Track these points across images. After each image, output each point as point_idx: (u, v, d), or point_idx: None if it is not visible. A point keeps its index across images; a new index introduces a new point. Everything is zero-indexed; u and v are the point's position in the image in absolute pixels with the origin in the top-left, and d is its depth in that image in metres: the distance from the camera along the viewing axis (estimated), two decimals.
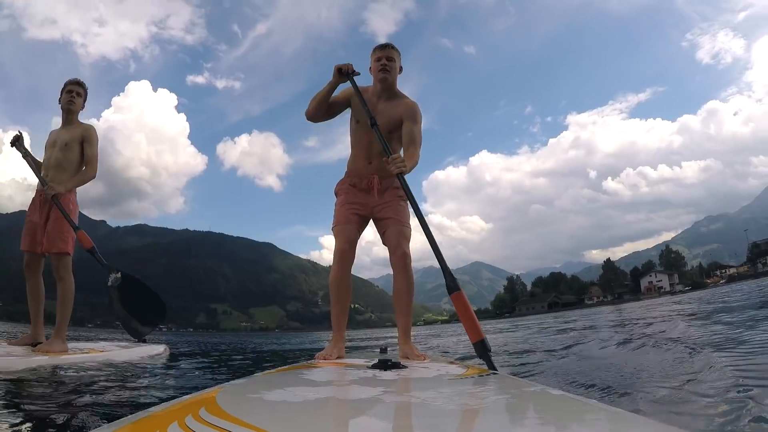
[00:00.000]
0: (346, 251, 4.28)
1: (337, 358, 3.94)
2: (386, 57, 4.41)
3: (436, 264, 3.80)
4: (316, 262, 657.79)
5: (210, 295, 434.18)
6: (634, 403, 2.51)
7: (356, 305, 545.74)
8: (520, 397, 2.06)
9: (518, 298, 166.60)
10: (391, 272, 4.25)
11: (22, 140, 6.26)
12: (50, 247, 5.67)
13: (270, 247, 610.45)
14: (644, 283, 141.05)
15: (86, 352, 6.06)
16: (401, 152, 4.30)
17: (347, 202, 4.44)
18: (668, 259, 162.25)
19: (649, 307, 24.64)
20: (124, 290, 5.78)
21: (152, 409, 1.57)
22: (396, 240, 4.23)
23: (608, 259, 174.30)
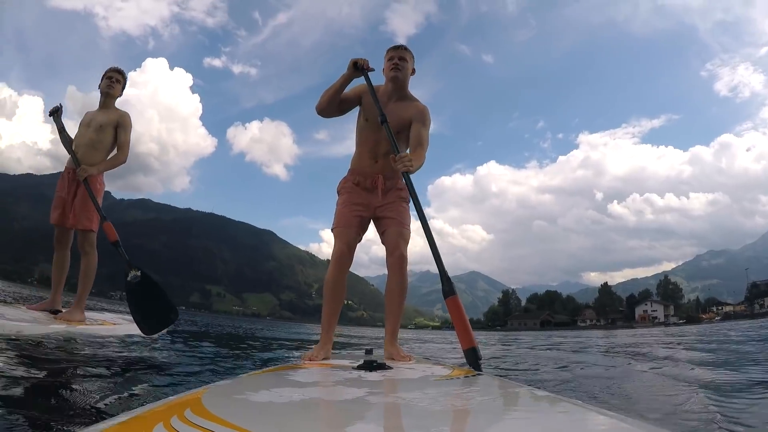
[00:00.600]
0: (344, 254, 4.25)
1: (324, 359, 3.92)
2: (398, 57, 4.40)
3: (432, 269, 3.80)
4: (314, 255, 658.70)
5: (206, 276, 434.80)
6: (619, 405, 2.52)
7: (349, 302, 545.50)
8: (506, 397, 2.07)
9: (512, 312, 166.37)
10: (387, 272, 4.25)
11: (61, 112, 6.32)
12: (76, 224, 5.91)
13: (270, 234, 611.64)
14: (639, 311, 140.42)
15: (100, 324, 6.35)
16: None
17: (350, 203, 4.40)
18: (666, 289, 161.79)
19: (643, 335, 24.60)
20: (141, 289, 5.85)
21: (138, 409, 1.43)
22: (395, 241, 4.22)
23: (605, 283, 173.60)
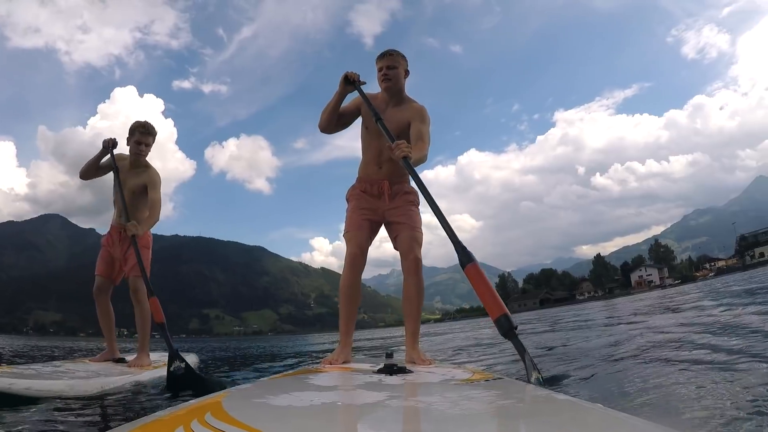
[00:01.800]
0: (357, 257, 4.28)
1: (343, 362, 3.94)
2: (387, 66, 4.43)
3: (427, 263, 3.79)
4: (307, 264, 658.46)
5: (202, 301, 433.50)
6: (640, 407, 2.47)
7: None
8: (526, 401, 2.04)
9: (510, 295, 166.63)
10: (383, 273, 4.27)
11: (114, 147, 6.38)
12: (134, 272, 6.00)
13: (261, 250, 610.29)
14: (634, 277, 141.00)
15: (164, 365, 6.22)
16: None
17: (359, 208, 4.47)
18: (658, 253, 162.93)
19: (641, 300, 24.70)
20: (182, 381, 5.84)
21: (158, 413, 1.58)
22: (409, 245, 4.26)
23: (598, 255, 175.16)
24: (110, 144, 6.23)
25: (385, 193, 4.42)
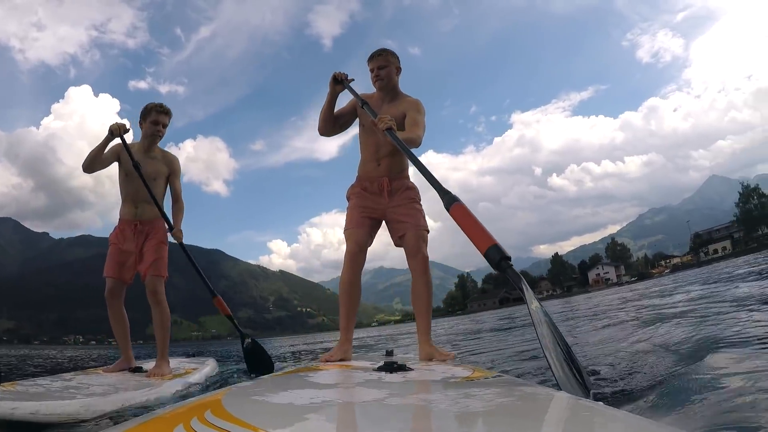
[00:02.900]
0: (356, 254, 4.31)
1: (341, 360, 3.97)
2: (378, 66, 4.50)
3: (386, 264, 3.87)
4: (266, 268, 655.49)
5: None
6: (642, 405, 2.45)
7: (308, 309, 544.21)
8: (526, 399, 2.01)
9: (470, 295, 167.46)
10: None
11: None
12: (153, 271, 5.61)
13: (219, 254, 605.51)
14: (592, 275, 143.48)
15: (188, 372, 6.11)
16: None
17: (359, 206, 4.49)
18: (614, 251, 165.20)
19: (596, 296, 25.06)
20: (253, 352, 6.31)
21: (158, 411, 1.43)
22: (416, 244, 4.28)
23: (556, 254, 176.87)
24: (120, 130, 5.57)
25: (385, 190, 4.45)
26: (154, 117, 5.75)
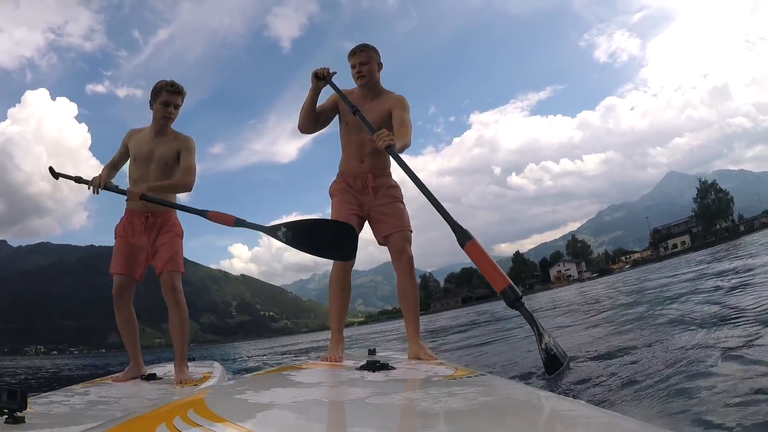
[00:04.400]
0: None
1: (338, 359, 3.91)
2: (359, 63, 4.42)
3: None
4: (227, 272, 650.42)
5: None
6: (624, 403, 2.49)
7: (270, 313, 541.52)
8: (508, 397, 2.03)
9: (432, 295, 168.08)
10: (304, 278, 4.26)
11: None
12: (171, 267, 5.10)
13: None
14: (553, 272, 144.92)
15: (206, 376, 5.48)
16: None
17: (345, 202, 4.38)
18: (575, 248, 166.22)
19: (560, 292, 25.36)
20: (301, 239, 5.10)
21: (140, 410, 1.63)
22: (400, 245, 4.23)
23: (517, 252, 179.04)
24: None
25: (369, 187, 4.38)
26: (165, 97, 5.13)
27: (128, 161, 5.30)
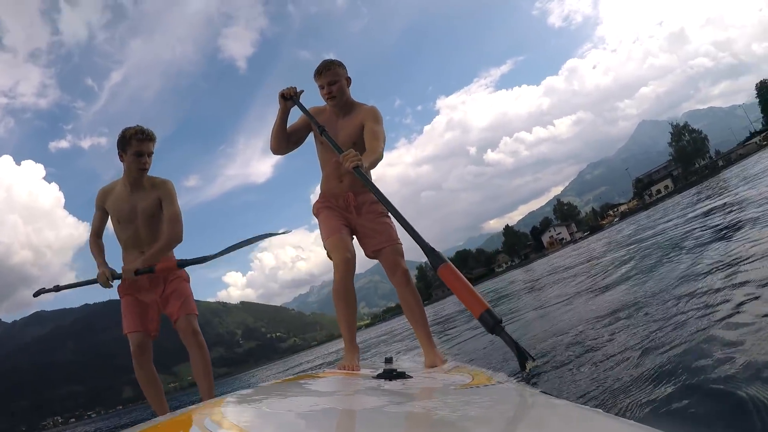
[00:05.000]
0: (350, 261, 4.04)
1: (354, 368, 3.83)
2: (327, 83, 4.26)
3: None
4: (225, 302, 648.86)
5: (129, 367, 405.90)
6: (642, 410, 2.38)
7: (277, 334, 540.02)
8: (527, 407, 2.00)
9: (432, 284, 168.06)
10: (302, 292, 4.22)
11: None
12: (185, 310, 4.88)
13: None
14: (545, 238, 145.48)
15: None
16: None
17: (332, 216, 4.28)
18: (562, 211, 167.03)
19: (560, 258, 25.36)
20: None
21: (157, 419, 1.57)
22: (393, 260, 4.21)
23: (507, 226, 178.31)
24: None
25: (352, 205, 4.31)
26: (137, 147, 4.75)
27: (109, 221, 5.07)
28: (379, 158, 4.06)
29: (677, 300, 3.99)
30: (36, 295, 5.36)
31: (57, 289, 5.29)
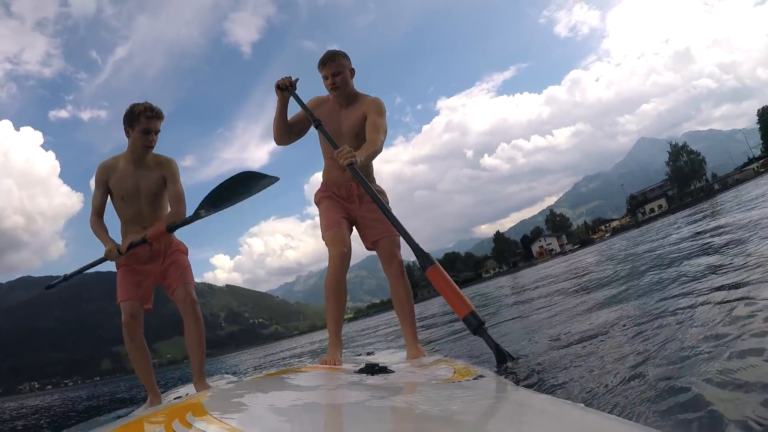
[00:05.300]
0: (345, 255, 4.09)
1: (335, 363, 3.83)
2: (331, 74, 4.25)
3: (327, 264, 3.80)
4: (211, 284, 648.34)
5: (111, 339, 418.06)
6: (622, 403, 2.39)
7: (260, 320, 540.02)
8: (508, 401, 2.01)
9: (419, 283, 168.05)
10: (288, 281, 4.20)
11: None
12: (183, 279, 4.79)
13: None
14: (535, 248, 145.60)
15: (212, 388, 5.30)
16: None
17: (332, 207, 4.30)
18: (554, 222, 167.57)
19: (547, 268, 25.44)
20: (218, 202, 4.96)
21: (138, 412, 1.59)
22: (390, 250, 4.22)
23: (498, 232, 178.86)
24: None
25: (354, 195, 4.32)
26: (145, 124, 4.69)
27: (114, 201, 4.94)
28: (378, 150, 4.08)
29: (663, 301, 4.09)
30: (49, 288, 5.30)
31: (66, 278, 5.22)
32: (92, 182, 4.98)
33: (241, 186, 5.07)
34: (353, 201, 4.33)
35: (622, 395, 2.17)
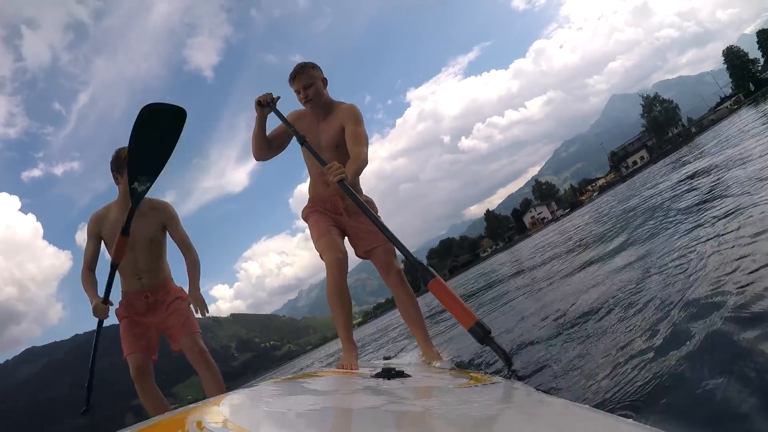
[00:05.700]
0: (342, 260, 4.00)
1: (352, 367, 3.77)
2: (302, 87, 4.19)
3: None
4: (216, 316, 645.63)
5: (128, 393, 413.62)
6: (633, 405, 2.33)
7: (271, 342, 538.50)
8: (521, 406, 2.01)
9: (419, 287, 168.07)
10: (291, 297, 4.16)
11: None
12: (188, 330, 4.66)
13: None
14: (527, 219, 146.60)
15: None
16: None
17: (323, 218, 4.23)
18: (541, 191, 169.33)
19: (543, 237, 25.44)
20: (150, 163, 4.56)
21: (156, 418, 1.57)
22: (387, 260, 4.21)
23: (488, 210, 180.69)
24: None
25: (341, 209, 4.27)
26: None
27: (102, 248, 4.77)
28: (364, 164, 4.01)
29: (669, 293, 3.83)
30: (84, 413, 5.01)
31: (90, 387, 5.11)
32: (78, 236, 4.88)
33: (153, 132, 4.50)
34: (341, 213, 4.28)
35: (635, 398, 2.18)
